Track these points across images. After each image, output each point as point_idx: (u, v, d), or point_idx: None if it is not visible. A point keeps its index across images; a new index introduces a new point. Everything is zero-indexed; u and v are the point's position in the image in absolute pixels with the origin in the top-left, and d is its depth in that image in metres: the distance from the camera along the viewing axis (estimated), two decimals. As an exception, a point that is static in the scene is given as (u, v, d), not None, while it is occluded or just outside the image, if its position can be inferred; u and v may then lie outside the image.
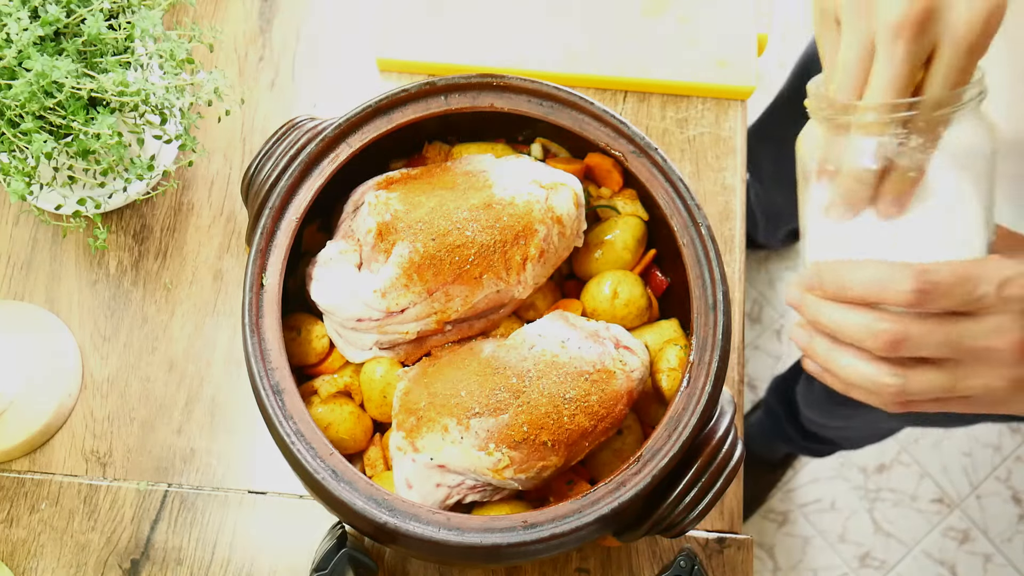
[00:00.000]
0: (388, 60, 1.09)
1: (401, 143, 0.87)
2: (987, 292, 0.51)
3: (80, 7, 0.84)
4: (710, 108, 1.09)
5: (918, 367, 0.54)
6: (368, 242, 0.80)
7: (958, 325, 0.53)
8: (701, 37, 1.10)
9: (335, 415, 0.81)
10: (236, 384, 0.99)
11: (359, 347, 0.83)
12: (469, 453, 0.74)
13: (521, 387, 0.75)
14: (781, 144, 1.20)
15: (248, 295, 0.78)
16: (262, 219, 0.80)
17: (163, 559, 0.93)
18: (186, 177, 1.05)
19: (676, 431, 0.75)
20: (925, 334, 0.52)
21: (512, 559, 0.74)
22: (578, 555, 0.94)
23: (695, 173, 1.07)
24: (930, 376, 0.54)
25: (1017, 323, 0.52)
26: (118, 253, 1.02)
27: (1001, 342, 0.52)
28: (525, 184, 0.81)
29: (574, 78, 1.08)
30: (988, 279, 0.51)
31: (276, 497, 0.95)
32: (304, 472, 0.73)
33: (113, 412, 0.98)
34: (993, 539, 1.93)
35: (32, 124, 0.81)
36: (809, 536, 1.93)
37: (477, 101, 0.85)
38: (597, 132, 0.85)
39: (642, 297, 0.85)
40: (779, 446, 1.80)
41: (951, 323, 0.53)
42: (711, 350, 0.78)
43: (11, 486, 0.95)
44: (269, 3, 1.12)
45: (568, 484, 0.80)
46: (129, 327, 1.00)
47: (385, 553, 0.92)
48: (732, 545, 0.95)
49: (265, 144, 0.85)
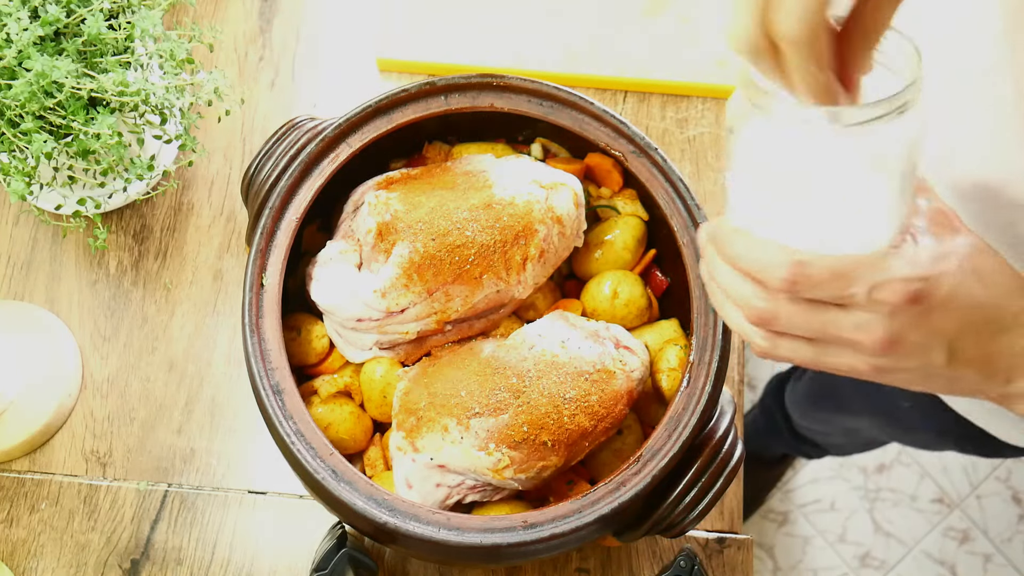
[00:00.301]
0: (388, 60, 1.09)
1: (401, 143, 0.87)
2: (857, 292, 0.53)
3: (80, 7, 0.84)
4: (710, 108, 1.09)
5: (786, 337, 0.57)
6: (368, 242, 0.80)
7: (826, 314, 0.55)
8: (701, 37, 1.10)
9: (335, 415, 0.81)
10: (236, 384, 0.99)
11: (359, 347, 0.83)
12: (469, 453, 0.74)
13: (521, 387, 0.75)
14: None
15: (248, 295, 0.78)
16: (262, 219, 0.80)
17: (163, 559, 0.93)
18: (186, 177, 1.05)
19: (676, 431, 0.75)
20: (793, 316, 0.55)
21: (512, 559, 0.74)
22: (578, 555, 0.94)
23: (695, 173, 1.07)
24: (796, 347, 0.57)
25: (882, 323, 0.54)
26: (118, 253, 1.02)
27: (865, 337, 0.54)
28: (525, 184, 0.81)
29: (574, 78, 1.08)
30: (861, 280, 0.53)
31: (276, 497, 0.95)
32: (304, 472, 0.73)
33: (113, 412, 0.98)
34: (993, 539, 1.93)
35: (32, 124, 0.81)
36: (809, 536, 1.93)
37: (477, 101, 0.85)
38: (597, 132, 0.85)
39: (642, 297, 0.85)
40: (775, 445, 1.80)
41: (820, 311, 0.55)
42: (711, 350, 0.78)
43: (11, 486, 0.95)
44: (269, 3, 1.12)
45: (568, 484, 0.80)
46: (129, 327, 1.00)
47: (385, 553, 0.92)
48: (732, 545, 0.95)
49: (265, 144, 0.85)
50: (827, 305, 0.55)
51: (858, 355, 0.56)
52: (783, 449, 1.80)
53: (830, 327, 0.55)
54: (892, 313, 0.54)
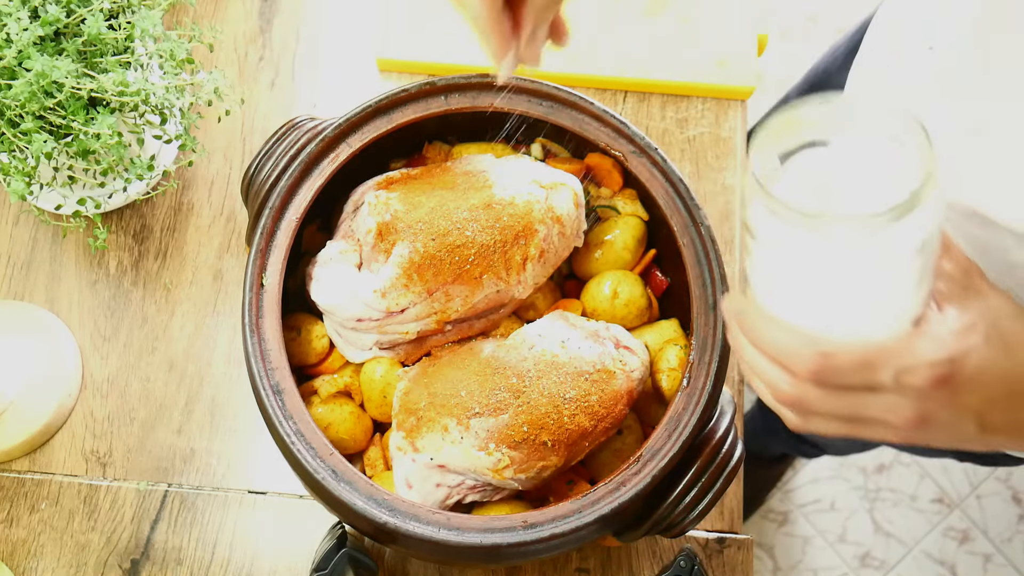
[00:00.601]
0: (388, 60, 1.09)
1: (401, 143, 0.87)
2: (884, 380, 0.54)
3: (80, 7, 0.84)
4: (710, 108, 1.09)
5: (817, 416, 0.57)
6: (368, 242, 0.80)
7: (855, 398, 0.55)
8: (701, 37, 1.10)
9: (335, 415, 0.81)
10: (236, 384, 0.99)
11: (359, 347, 0.83)
12: (469, 453, 0.74)
13: (521, 387, 0.75)
14: None
15: (248, 295, 0.78)
16: (262, 219, 0.80)
17: (163, 559, 0.93)
18: (186, 177, 1.05)
19: (676, 431, 0.75)
20: (822, 400, 0.56)
21: (512, 559, 0.74)
22: (578, 555, 0.94)
23: (695, 173, 1.07)
24: (827, 424, 0.58)
25: (911, 405, 0.55)
26: (118, 253, 1.02)
27: (895, 418, 0.55)
28: (525, 184, 0.81)
29: (574, 78, 1.08)
30: (887, 366, 0.54)
31: (276, 497, 0.95)
32: (304, 472, 0.73)
33: (113, 412, 0.98)
34: (993, 539, 1.93)
35: (32, 124, 0.81)
36: (809, 536, 1.93)
37: (477, 101, 0.85)
38: (597, 132, 0.85)
39: (642, 297, 0.85)
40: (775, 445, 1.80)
41: (849, 396, 0.55)
42: (711, 350, 0.78)
43: (11, 486, 0.95)
44: (269, 3, 1.12)
45: (568, 484, 0.80)
46: (129, 327, 1.00)
47: (385, 553, 0.92)
48: (732, 545, 0.95)
49: (265, 144, 0.85)
50: (856, 390, 0.55)
51: (889, 431, 0.57)
52: (782, 449, 1.80)
53: (860, 410, 0.56)
54: (919, 396, 0.54)
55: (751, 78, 1.08)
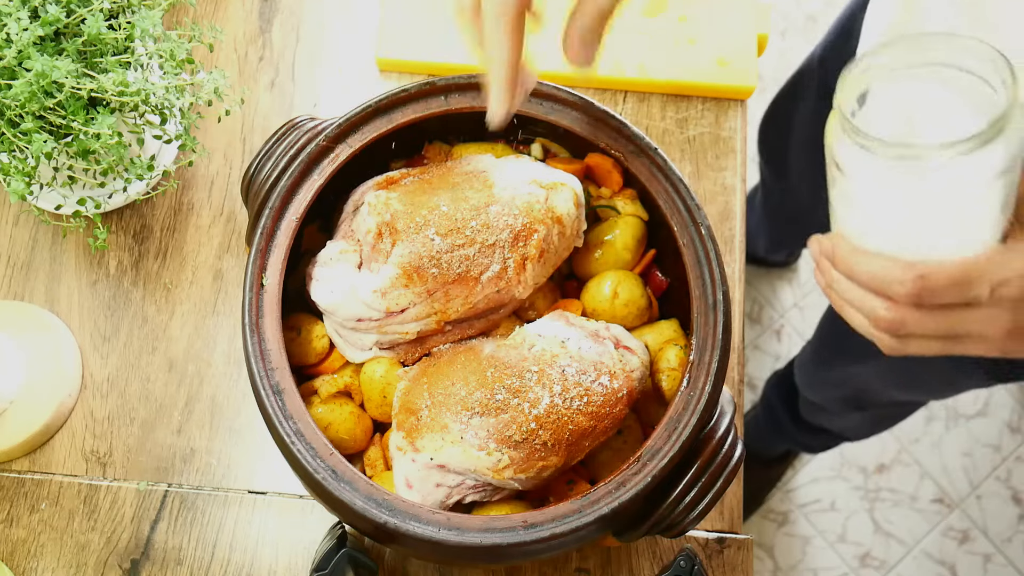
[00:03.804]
0: (388, 60, 1.09)
1: (401, 143, 0.87)
2: (980, 294, 0.57)
3: (80, 7, 0.84)
4: (710, 108, 1.09)
5: (914, 338, 0.61)
6: (368, 242, 0.80)
7: (953, 316, 0.59)
8: (701, 37, 1.10)
9: (335, 415, 0.81)
10: (236, 384, 0.99)
11: (359, 347, 0.83)
12: (469, 453, 0.74)
13: (521, 387, 0.75)
14: (812, 124, 1.17)
15: (248, 295, 0.78)
16: (262, 219, 0.80)
17: (163, 559, 0.93)
18: (186, 177, 1.05)
19: (676, 431, 0.75)
20: (921, 321, 0.59)
21: (512, 559, 0.74)
22: (578, 555, 0.94)
23: (695, 173, 1.07)
24: (925, 344, 0.61)
25: (1006, 315, 0.58)
26: (118, 253, 1.02)
27: (992, 330, 0.59)
28: (525, 184, 0.81)
29: (573, 78, 1.08)
30: (982, 281, 0.57)
31: (276, 497, 0.95)
32: (304, 472, 0.73)
33: (113, 412, 0.98)
34: (993, 539, 1.93)
35: (32, 124, 0.81)
36: (809, 536, 1.93)
37: (477, 101, 0.85)
38: (597, 132, 0.85)
39: (642, 297, 0.85)
40: (777, 442, 1.79)
41: (946, 314, 0.59)
42: (711, 350, 0.78)
43: (11, 486, 0.95)
44: (269, 3, 1.12)
45: (568, 484, 0.80)
46: (129, 327, 1.00)
47: (385, 553, 0.92)
48: (732, 545, 0.95)
49: (265, 144, 0.85)
50: (953, 307, 0.59)
51: (986, 344, 0.60)
52: (785, 444, 1.80)
53: (958, 326, 0.59)
54: (1015, 307, 0.58)
55: (751, 78, 1.08)
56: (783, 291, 2.05)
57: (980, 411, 2.00)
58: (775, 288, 2.06)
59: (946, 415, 1.99)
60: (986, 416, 2.00)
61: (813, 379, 1.48)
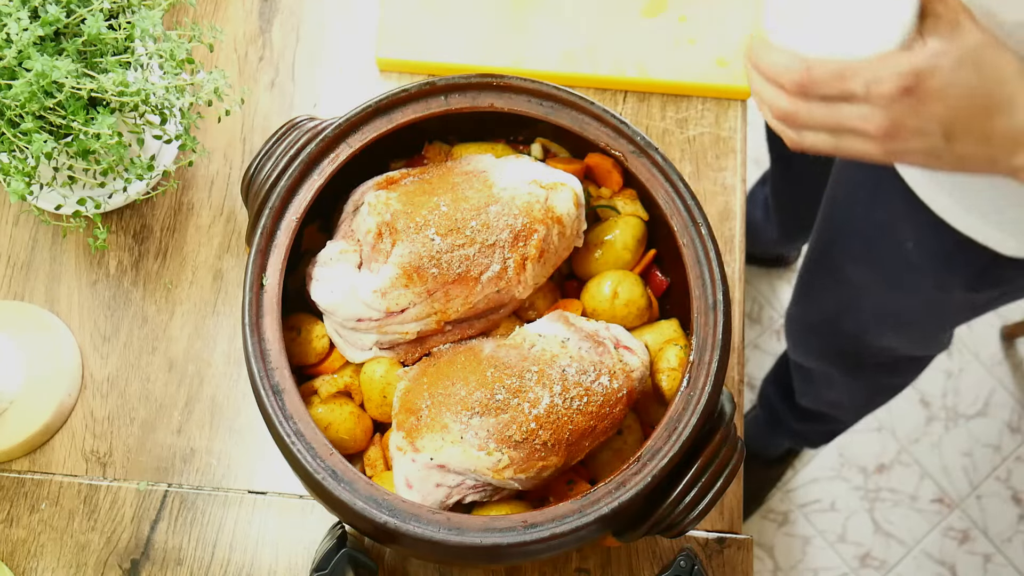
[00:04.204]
0: (388, 60, 1.09)
1: (401, 143, 0.87)
2: (856, 88, 0.62)
3: (80, 7, 0.84)
4: (710, 108, 1.09)
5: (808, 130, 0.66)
6: (368, 242, 0.80)
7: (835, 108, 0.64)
8: (701, 37, 1.10)
9: (335, 415, 0.81)
10: (236, 384, 0.99)
11: (359, 347, 0.83)
12: (469, 453, 0.74)
13: (521, 387, 0.75)
14: None
15: (248, 295, 0.78)
16: (262, 219, 0.80)
17: (163, 559, 0.93)
18: (186, 177, 1.05)
19: (676, 431, 0.75)
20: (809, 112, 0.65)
21: (512, 559, 0.74)
22: (578, 555, 0.94)
23: (695, 173, 1.07)
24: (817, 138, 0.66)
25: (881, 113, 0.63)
26: (118, 253, 1.02)
27: (869, 126, 0.63)
28: (525, 184, 0.81)
29: (574, 78, 1.08)
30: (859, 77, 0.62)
31: (276, 497, 0.95)
32: (304, 472, 0.73)
33: (113, 412, 0.98)
34: (993, 539, 1.93)
35: (32, 124, 0.81)
36: (809, 536, 1.93)
37: (477, 101, 0.85)
38: (597, 132, 0.85)
39: (642, 297, 0.85)
40: (776, 439, 1.79)
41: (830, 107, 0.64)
42: (711, 350, 0.78)
43: (11, 486, 0.95)
44: (269, 3, 1.12)
45: (568, 484, 0.80)
46: (129, 327, 1.00)
47: (385, 553, 0.92)
48: (732, 545, 0.95)
49: (265, 144, 0.85)
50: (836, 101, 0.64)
51: (867, 142, 0.65)
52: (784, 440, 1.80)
53: (841, 119, 0.64)
54: (888, 104, 0.62)
55: (751, 78, 1.08)
56: (783, 291, 2.05)
57: (980, 411, 2.00)
58: (775, 288, 2.06)
59: (946, 415, 1.99)
60: (986, 416, 2.00)
61: (802, 325, 1.45)
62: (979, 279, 1.07)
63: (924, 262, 1.09)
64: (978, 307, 1.18)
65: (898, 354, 1.36)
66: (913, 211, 1.02)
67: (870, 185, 1.09)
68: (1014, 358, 2.03)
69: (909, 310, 1.21)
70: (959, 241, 1.01)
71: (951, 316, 1.22)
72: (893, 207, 1.06)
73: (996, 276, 1.05)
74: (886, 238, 1.11)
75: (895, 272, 1.15)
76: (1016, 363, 2.03)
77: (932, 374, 2.01)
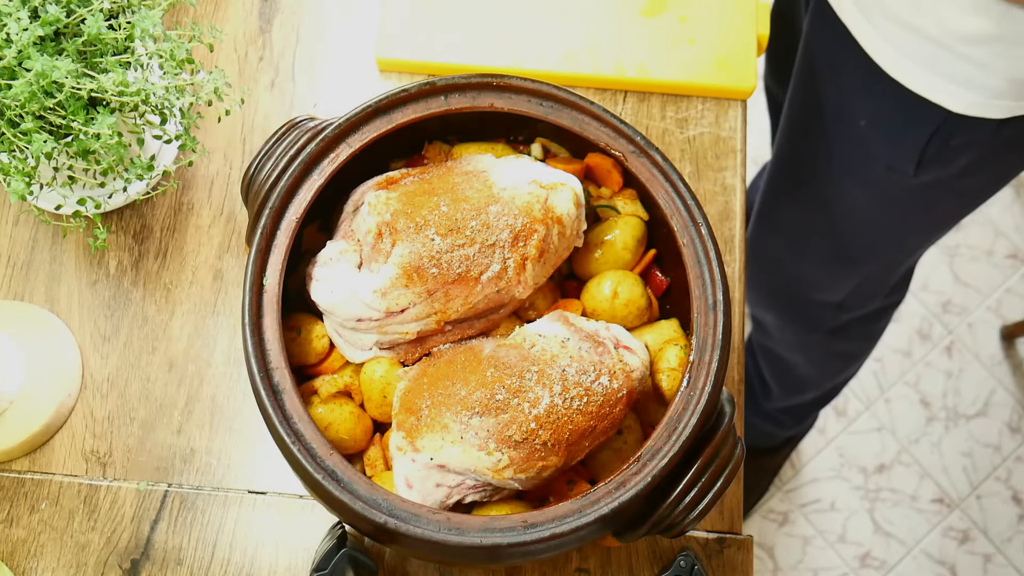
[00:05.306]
0: (388, 60, 1.09)
1: (401, 143, 0.87)
2: None
3: (80, 7, 0.84)
4: (710, 108, 1.09)
5: None
6: (368, 242, 0.80)
7: None
8: (701, 37, 1.10)
9: (335, 415, 0.81)
10: (236, 384, 0.99)
11: (359, 347, 0.83)
12: (469, 453, 0.74)
13: (521, 387, 0.75)
14: None
15: (248, 295, 0.78)
16: (262, 219, 0.80)
17: (163, 559, 0.93)
18: (186, 177, 1.05)
19: (676, 431, 0.75)
20: None
21: (512, 559, 0.74)
22: (578, 555, 0.94)
23: (695, 173, 1.07)
24: None
25: None
26: (118, 253, 1.02)
27: None
28: (525, 184, 0.81)
29: (573, 78, 1.08)
30: None
31: (276, 497, 0.95)
32: (304, 472, 0.73)
33: (113, 412, 0.98)
34: (993, 539, 1.93)
35: (32, 124, 0.81)
36: (809, 536, 1.93)
37: (477, 101, 0.85)
38: (597, 132, 0.85)
39: (642, 297, 0.85)
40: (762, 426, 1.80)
41: None
42: (711, 350, 0.78)
43: (11, 486, 0.95)
44: (269, 3, 1.12)
45: (568, 484, 0.80)
46: (129, 327, 1.00)
47: (385, 553, 0.92)
48: (732, 545, 0.95)
49: (265, 144, 0.85)
50: None
51: None
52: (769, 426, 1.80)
53: None
54: None
55: (751, 78, 1.08)
56: (783, 291, 2.05)
57: (980, 411, 2.00)
58: (775, 288, 2.06)
59: (946, 415, 1.99)
60: (986, 416, 2.00)
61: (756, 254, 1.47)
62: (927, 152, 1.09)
63: (875, 137, 1.12)
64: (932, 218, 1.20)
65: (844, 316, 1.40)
66: (872, 79, 1.04)
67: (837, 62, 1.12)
68: (1014, 358, 2.03)
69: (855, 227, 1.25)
70: (910, 108, 1.04)
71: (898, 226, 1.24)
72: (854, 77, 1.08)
73: (942, 147, 1.07)
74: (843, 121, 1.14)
75: (848, 156, 1.17)
76: (1016, 363, 2.03)
77: (932, 374, 2.01)
